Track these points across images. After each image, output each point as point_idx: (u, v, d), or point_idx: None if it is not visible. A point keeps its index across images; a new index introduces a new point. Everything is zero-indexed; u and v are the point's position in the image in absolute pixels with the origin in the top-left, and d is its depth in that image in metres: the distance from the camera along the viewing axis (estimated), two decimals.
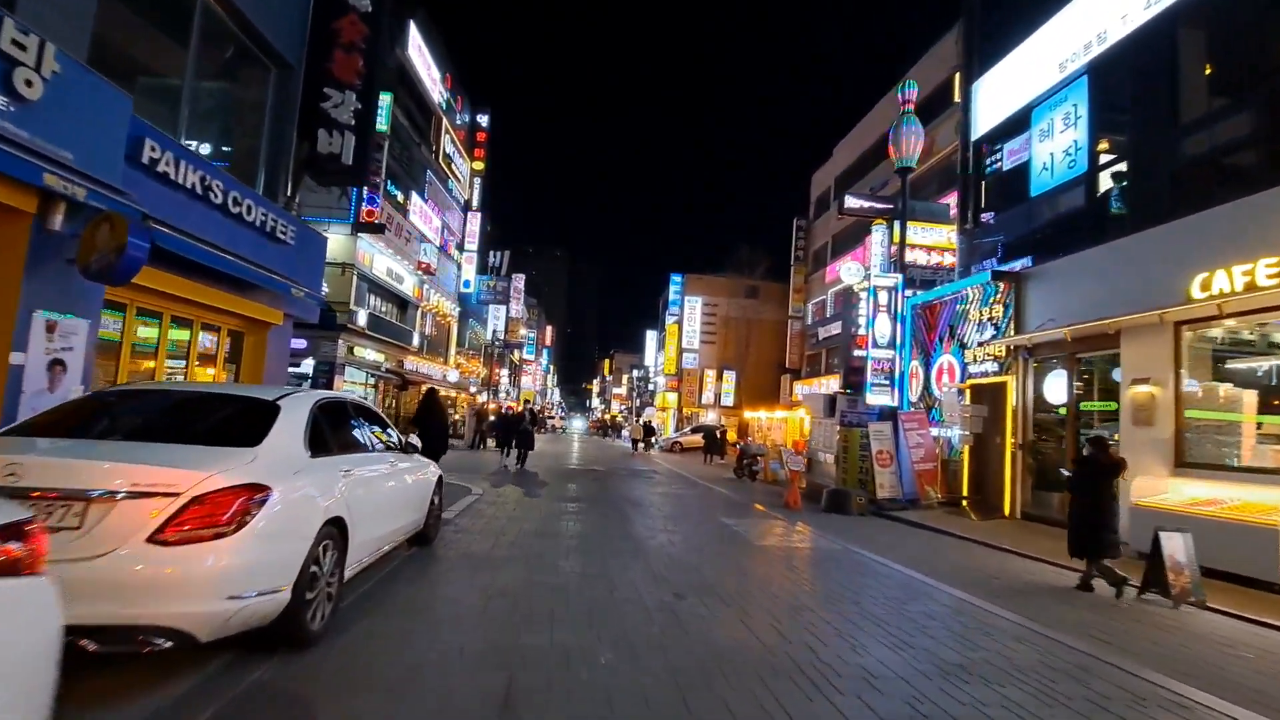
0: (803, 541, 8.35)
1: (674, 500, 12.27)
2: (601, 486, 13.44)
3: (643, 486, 14.25)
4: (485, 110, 41.78)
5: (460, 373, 39.96)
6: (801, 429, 31.82)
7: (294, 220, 9.31)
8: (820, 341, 34.49)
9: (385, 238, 27.06)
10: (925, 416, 13.02)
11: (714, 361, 43.73)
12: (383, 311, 28.97)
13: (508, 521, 8.16)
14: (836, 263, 33.34)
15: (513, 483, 12.81)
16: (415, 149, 30.69)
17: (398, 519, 5.04)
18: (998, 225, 12.36)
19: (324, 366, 24.23)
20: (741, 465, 18.64)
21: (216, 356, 8.65)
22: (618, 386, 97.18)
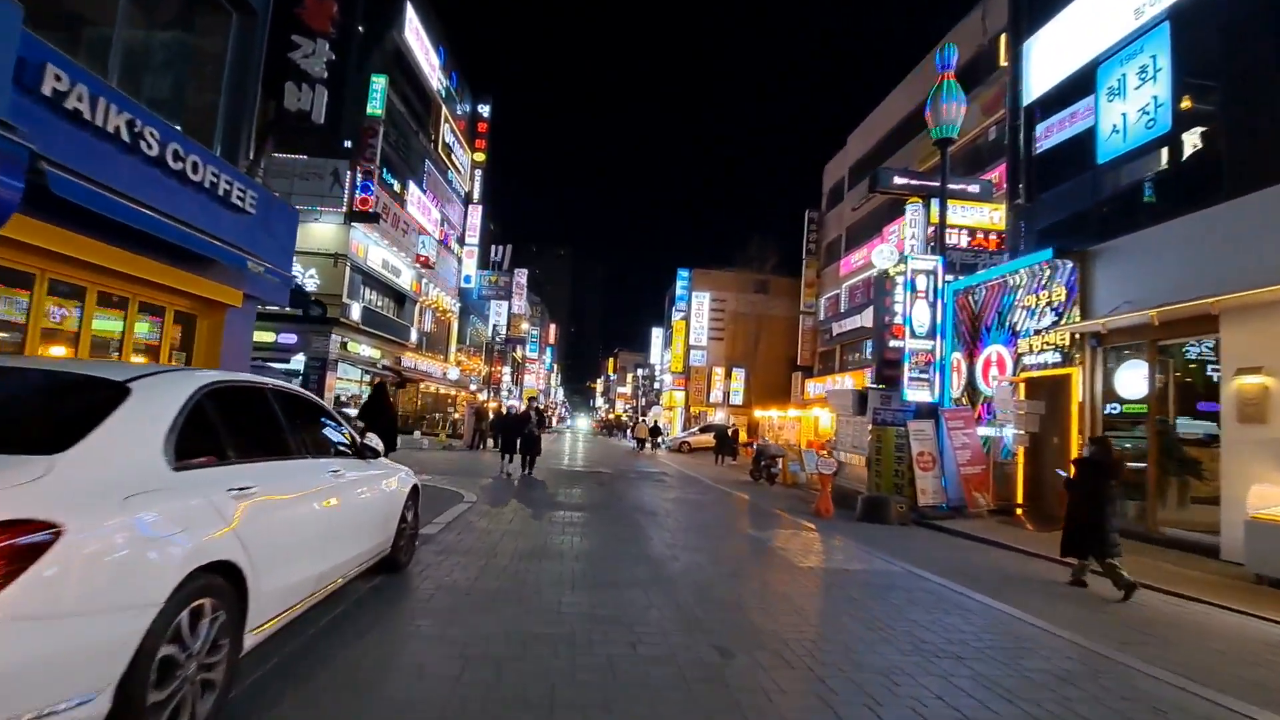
0: (851, 560, 7.03)
1: (691, 508, 10.96)
2: (609, 492, 12.15)
3: (654, 491, 12.95)
4: (486, 100, 40.55)
5: (461, 370, 38.73)
6: (816, 428, 30.47)
7: (256, 186, 8.04)
8: (834, 337, 33.14)
9: (381, 229, 25.83)
10: (971, 414, 11.69)
11: (722, 359, 42.39)
12: (378, 306, 27.73)
13: (501, 537, 6.86)
14: (851, 255, 32.00)
15: (510, 489, 11.51)
16: (413, 137, 29.46)
17: (344, 548, 3.75)
18: (1054, 199, 11.01)
19: (315, 363, 23.00)
20: (758, 467, 17.32)
21: (161, 344, 7.37)
22: (622, 385, 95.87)
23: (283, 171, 23.49)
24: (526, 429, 13.79)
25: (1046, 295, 10.42)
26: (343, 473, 3.77)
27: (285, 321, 22.88)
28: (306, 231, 23.52)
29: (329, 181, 23.51)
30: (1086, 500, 6.21)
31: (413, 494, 5.18)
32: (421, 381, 32.28)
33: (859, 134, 33.45)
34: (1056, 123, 11.26)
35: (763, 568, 6.38)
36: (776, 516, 10.56)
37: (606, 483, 13.90)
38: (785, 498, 14.04)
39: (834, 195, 36.60)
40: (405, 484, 5.02)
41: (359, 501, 4.00)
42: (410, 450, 19.31)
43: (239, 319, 8.13)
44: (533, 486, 11.84)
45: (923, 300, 12.09)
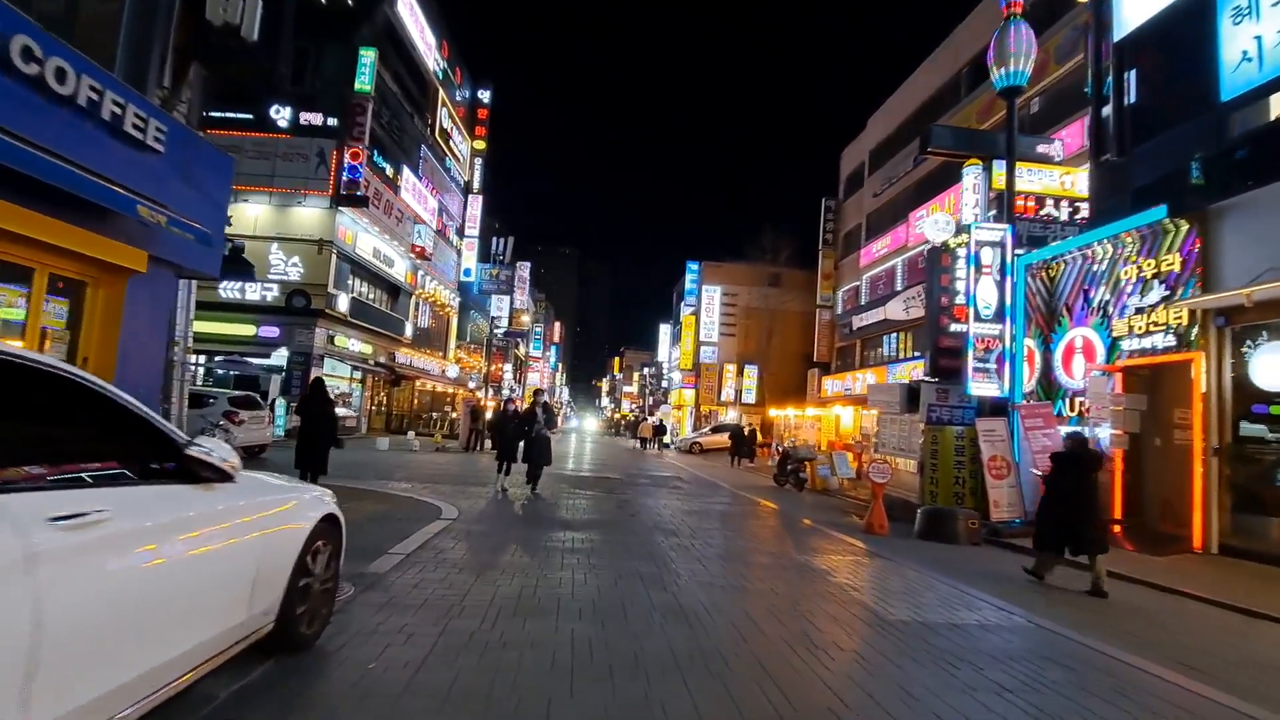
0: (950, 606, 5.19)
1: (717, 522, 9.15)
2: (619, 504, 10.34)
3: (671, 501, 11.14)
4: (487, 86, 38.84)
5: (460, 368, 37.03)
6: (837, 428, 28.59)
7: (167, 119, 6.27)
8: (854, 332, 31.24)
9: (372, 215, 24.12)
10: (1051, 410, 9.82)
11: (734, 355, 40.51)
12: (369, 298, 26.01)
13: (477, 576, 5.06)
14: (872, 244, 30.13)
15: (500, 502, 9.70)
16: (407, 120, 27.74)
17: (143, 644, 1.95)
18: (1156, 152, 9.14)
19: (299, 357, 21.29)
20: (784, 471, 15.49)
21: (28, 318, 5.58)
22: (628, 385, 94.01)
23: (263, 152, 21.84)
24: (531, 429, 10.57)
25: (1153, 265, 8.56)
26: (105, 518, 1.91)
27: (267, 314, 21.22)
28: (288, 217, 21.84)
29: (313, 163, 21.83)
30: (1068, 496, 6.15)
31: (322, 532, 3.36)
32: (417, 379, 30.57)
33: (880, 117, 31.54)
34: (1161, 55, 9.39)
35: (839, 623, 4.55)
36: (821, 533, 8.73)
37: (616, 490, 12.09)
38: (820, 507, 12.20)
39: (852, 182, 34.70)
40: (304, 518, 3.21)
41: (180, 560, 2.19)
42: (398, 452, 17.55)
43: (148, 290, 6.34)
44: (530, 498, 10.04)
45: (989, 277, 10.23)
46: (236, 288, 21.16)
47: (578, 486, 12.20)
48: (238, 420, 12.60)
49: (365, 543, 5.90)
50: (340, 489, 9.78)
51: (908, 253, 26.85)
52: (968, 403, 10.42)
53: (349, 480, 10.71)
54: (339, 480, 10.45)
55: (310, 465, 8.44)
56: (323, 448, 8.58)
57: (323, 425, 8.63)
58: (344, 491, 9.44)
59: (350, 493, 9.25)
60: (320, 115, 21.94)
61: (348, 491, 9.34)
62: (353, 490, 9.55)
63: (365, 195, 22.26)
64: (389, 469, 13.07)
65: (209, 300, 21.59)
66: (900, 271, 27.75)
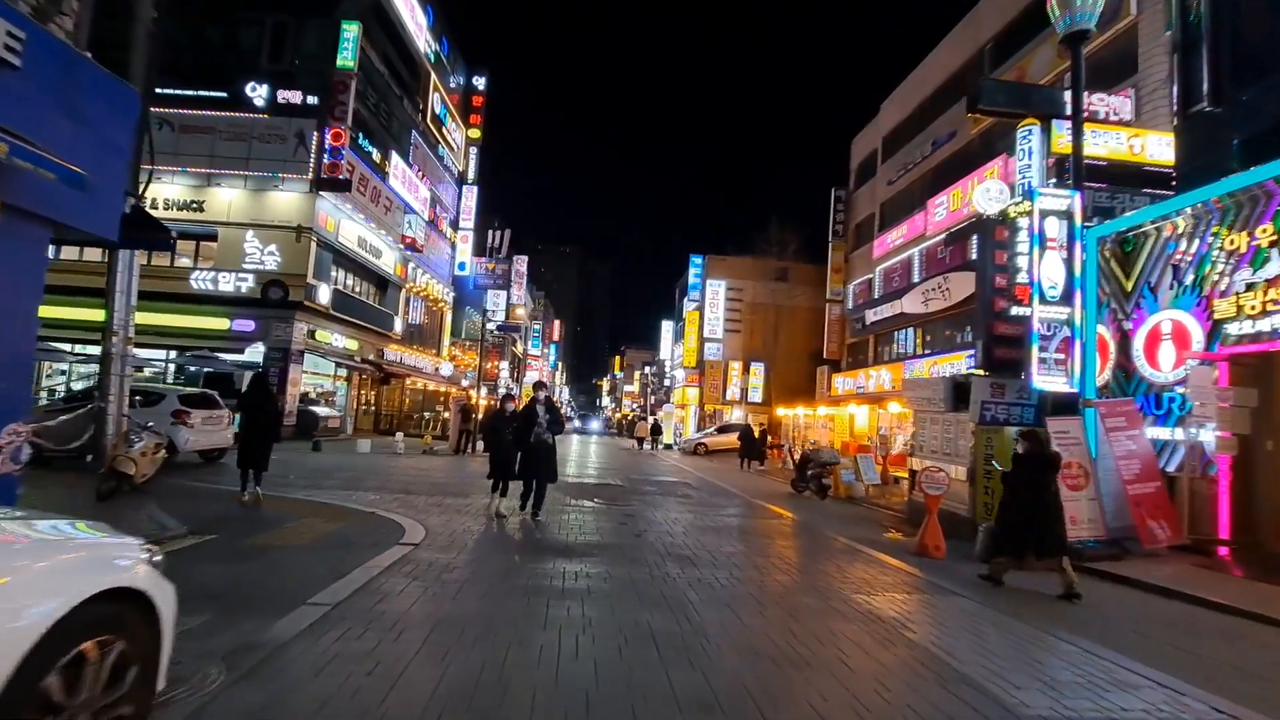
0: (1093, 683, 3.68)
1: (740, 543, 7.65)
2: (622, 519, 8.84)
3: (681, 514, 9.64)
4: (482, 72, 37.33)
5: (455, 366, 35.55)
6: (851, 428, 27.08)
7: (32, 26, 4.77)
8: (867, 327, 29.69)
9: (357, 202, 22.63)
10: (1136, 409, 8.31)
11: (739, 352, 38.97)
12: (355, 290, 24.49)
13: (416, 651, 3.54)
14: (886, 234, 28.60)
15: (480, 521, 8.18)
16: (396, 103, 26.23)
17: None
18: (1262, 97, 7.62)
19: (276, 353, 19.77)
20: (804, 476, 13.99)
21: None
22: (629, 384, 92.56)
23: (238, 133, 20.34)
24: (529, 435, 7.91)
25: (1269, 232, 7.04)
26: None
27: (242, 306, 19.72)
28: (265, 202, 20.33)
29: (292, 144, 20.32)
30: (1027, 496, 6.05)
31: (107, 621, 1.85)
32: (408, 377, 29.07)
33: (894, 100, 30.01)
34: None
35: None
36: (865, 556, 7.23)
37: (619, 501, 10.58)
38: (850, 519, 10.70)
39: (864, 171, 33.17)
40: (47, 598, 1.70)
41: None
42: (380, 456, 16.05)
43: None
44: (531, 523, 8.46)
45: (1054, 252, 8.71)
46: (208, 277, 19.70)
47: (576, 496, 10.70)
48: (189, 421, 11.11)
49: (283, 585, 4.42)
50: (290, 503, 8.18)
51: (925, 242, 25.34)
52: (1028, 399, 8.92)
53: (307, 490, 9.22)
54: (293, 491, 8.99)
55: (254, 464, 7.96)
56: (266, 445, 8.09)
57: (265, 422, 8.19)
58: (293, 506, 7.87)
59: (300, 507, 7.76)
60: (300, 93, 20.44)
61: (297, 506, 7.87)
62: (304, 504, 8.06)
63: (348, 179, 20.76)
64: (361, 476, 11.58)
65: (178, 292, 20.17)
66: (917, 263, 26.23)
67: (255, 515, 7.24)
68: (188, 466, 11.35)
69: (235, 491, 7.97)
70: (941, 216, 24.05)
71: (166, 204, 20.03)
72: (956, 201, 23.03)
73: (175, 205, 20.01)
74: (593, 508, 9.55)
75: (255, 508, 7.56)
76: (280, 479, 9.98)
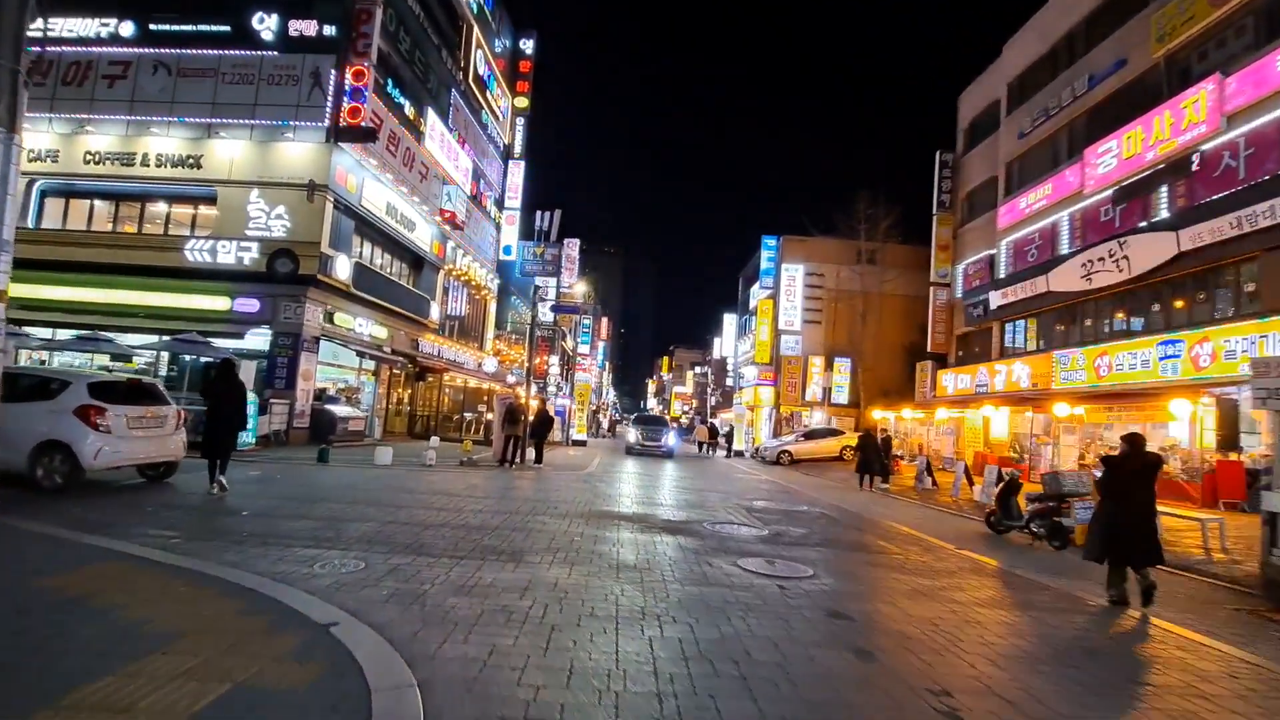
0: None
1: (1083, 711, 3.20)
2: (833, 615, 4.43)
3: (935, 608, 5.22)
4: (530, 34, 33.55)
5: (499, 361, 31.79)
6: (985, 436, 21.98)
7: None
8: (990, 313, 24.50)
9: (386, 162, 18.94)
10: None
11: (820, 347, 34.05)
12: (382, 266, 20.78)
13: None
14: (1018, 198, 23.42)
15: (560, 651, 3.85)
16: (433, 52, 22.51)
17: None
18: None
19: (285, 339, 16.08)
20: (1010, 510, 9.35)
21: None
22: (680, 385, 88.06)
23: (243, 74, 16.82)
24: None
25: None
26: None
27: (245, 281, 16.15)
28: (273, 155, 16.71)
29: (306, 86, 16.70)
30: (1128, 502, 5.72)
31: None
32: (446, 372, 25.32)
33: (1024, 37, 24.79)
34: None
35: None
36: None
37: (781, 556, 6.17)
38: (1183, 604, 6.01)
39: (978, 129, 27.97)
40: None
41: None
42: (401, 472, 11.98)
43: None
44: (547, 576, 4.20)
45: None
46: (206, 248, 16.20)
47: (716, 552, 6.34)
48: (103, 422, 7.24)
49: None
50: (167, 583, 3.38)
51: (1081, 202, 20.15)
52: None
53: (242, 546, 5.08)
54: (221, 545, 4.83)
55: (219, 453, 7.81)
56: (233, 433, 8.04)
57: (229, 411, 7.96)
58: (155, 593, 3.58)
59: (170, 597, 3.56)
60: (315, 24, 16.81)
61: (166, 594, 3.67)
62: (186, 592, 3.87)
63: (373, 128, 17.02)
64: (358, 509, 7.51)
65: (171, 265, 16.70)
66: (1066, 229, 21.03)
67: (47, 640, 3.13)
68: (115, 488, 7.50)
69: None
70: (1110, 167, 18.85)
71: (159, 160, 16.68)
72: (1136, 144, 17.85)
73: (168, 161, 16.64)
74: (756, 581, 5.18)
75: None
76: (221, 513, 5.99)
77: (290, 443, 15.22)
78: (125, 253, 16.58)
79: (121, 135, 16.95)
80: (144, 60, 17.05)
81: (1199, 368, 14.62)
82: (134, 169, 16.73)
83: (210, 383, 8.38)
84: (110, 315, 16.23)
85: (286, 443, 15.14)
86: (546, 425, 16.66)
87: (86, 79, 17.19)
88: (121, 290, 16.35)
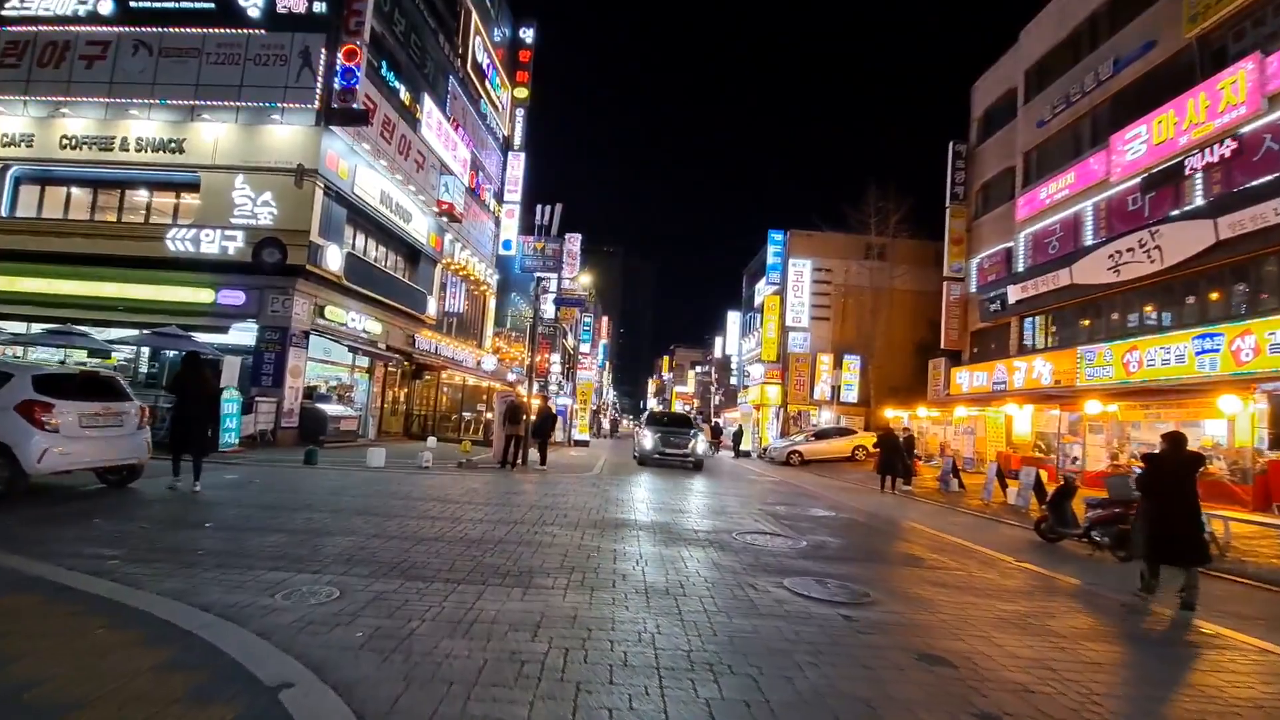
0: None
1: None
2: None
3: (1036, 646, 4.34)
4: (530, 23, 32.63)
5: (499, 359, 30.88)
6: (1008, 435, 21.11)
7: None
8: (1006, 308, 23.61)
9: (380, 147, 18.02)
10: None
11: (829, 344, 33.15)
12: (377, 258, 19.86)
13: None
14: (1039, 188, 22.54)
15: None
16: (430, 37, 21.59)
17: None
18: None
19: (273, 334, 15.18)
20: (1062, 516, 8.48)
21: None
22: (681, 384, 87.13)
23: (228, 54, 15.89)
24: None
25: None
26: None
27: (230, 272, 15.22)
28: (260, 139, 15.78)
29: (295, 66, 15.76)
30: (1170, 501, 5.62)
31: None
32: (444, 370, 24.40)
33: (1043, 22, 23.91)
34: None
35: None
36: None
37: (846, 578, 5.29)
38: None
39: (993, 118, 27.10)
40: None
41: None
42: (394, 475, 11.00)
43: None
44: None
45: None
46: (188, 236, 15.27)
47: (756, 571, 5.45)
48: (49, 420, 6.32)
49: None
50: (86, 611, 2.81)
51: (1107, 191, 19.28)
52: None
53: (191, 570, 4.11)
54: (169, 569, 3.89)
55: (188, 447, 7.65)
56: (202, 427, 7.86)
57: (194, 406, 7.68)
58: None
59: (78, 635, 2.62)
60: (304, 0, 15.88)
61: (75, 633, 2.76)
62: (97, 638, 2.94)
63: (365, 110, 16.11)
64: (340, 519, 6.59)
65: (152, 255, 15.77)
66: (1091, 219, 20.17)
67: None
68: (66, 495, 6.58)
69: None
70: (1138, 153, 17.99)
71: (139, 144, 15.74)
72: (1168, 128, 16.98)
73: (149, 145, 15.70)
74: (815, 609, 4.28)
75: None
76: (180, 526, 5.09)
77: (278, 443, 14.30)
78: (104, 242, 15.64)
79: (100, 119, 16.01)
80: (124, 39, 16.11)
81: (1240, 362, 13.74)
82: (113, 154, 15.79)
83: (176, 377, 8.16)
84: (88, 309, 15.29)
85: (274, 443, 14.22)
86: (549, 424, 15.74)
87: (64, 60, 16.26)
88: (100, 282, 15.42)
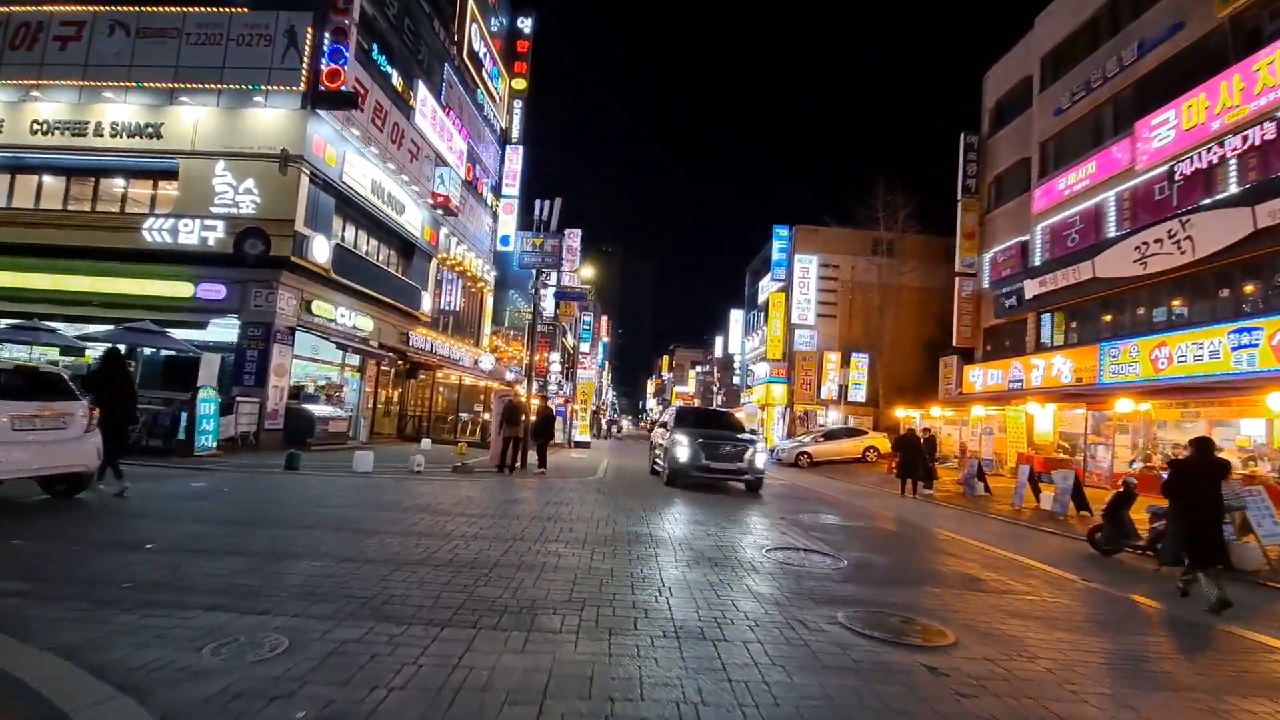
0: None
1: None
2: None
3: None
4: (528, 13, 31.75)
5: (497, 358, 29.99)
6: (1029, 435, 20.26)
7: None
8: (1023, 304, 22.79)
9: (371, 135, 17.14)
10: None
11: (836, 341, 32.31)
12: (368, 252, 18.97)
13: None
14: (1057, 179, 21.73)
15: None
16: (424, 21, 20.70)
17: None
18: None
19: (255, 330, 14.26)
20: (1122, 527, 7.64)
21: None
22: (681, 384, 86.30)
23: (210, 34, 14.99)
24: None
25: None
26: None
27: (210, 264, 14.33)
28: (243, 123, 14.87)
29: (280, 46, 14.87)
30: (1204, 506, 5.68)
31: None
32: (440, 369, 23.51)
33: (1060, 7, 23.09)
34: None
35: None
36: None
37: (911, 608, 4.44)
38: None
39: (1006, 108, 26.28)
40: None
41: None
42: (381, 482, 10.07)
43: None
44: None
45: None
46: (166, 227, 14.37)
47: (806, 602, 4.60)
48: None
49: None
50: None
51: (1135, 179, 18.43)
52: None
53: (62, 636, 3.17)
54: (80, 619, 2.98)
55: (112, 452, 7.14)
56: (122, 428, 7.51)
57: (116, 405, 7.20)
58: None
59: None
60: None
61: None
62: None
63: (354, 94, 15.22)
64: (297, 543, 5.72)
65: (128, 247, 14.89)
66: (1114, 210, 19.33)
67: None
68: (5, 507, 5.71)
69: None
70: (1166, 140, 17.16)
71: (114, 129, 14.84)
72: (1199, 113, 16.17)
73: (125, 131, 14.80)
74: (890, 658, 3.43)
75: None
76: (115, 548, 4.22)
77: (261, 446, 13.40)
78: (77, 233, 14.74)
79: (74, 103, 15.11)
80: (100, 19, 15.21)
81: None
82: (87, 139, 14.89)
83: (93, 375, 7.83)
84: (60, 304, 14.41)
85: (257, 446, 13.33)
86: (549, 425, 14.87)
87: (37, 41, 15.36)
88: (73, 275, 14.53)
